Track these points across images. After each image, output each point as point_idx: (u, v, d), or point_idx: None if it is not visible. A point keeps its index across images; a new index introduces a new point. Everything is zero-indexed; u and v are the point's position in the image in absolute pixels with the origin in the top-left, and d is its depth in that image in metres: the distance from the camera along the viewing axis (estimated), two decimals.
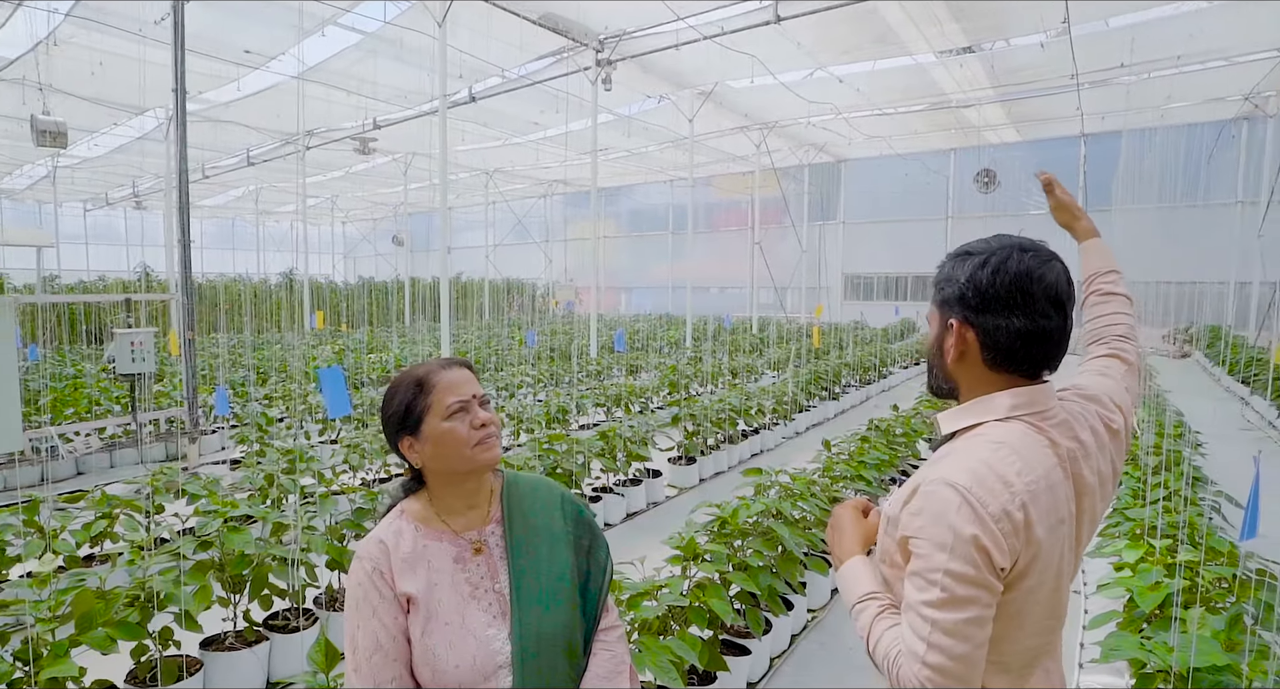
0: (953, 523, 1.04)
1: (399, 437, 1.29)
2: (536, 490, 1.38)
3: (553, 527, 1.33)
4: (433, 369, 1.30)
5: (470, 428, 1.25)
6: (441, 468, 1.28)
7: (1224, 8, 9.73)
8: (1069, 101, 13.41)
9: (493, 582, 1.27)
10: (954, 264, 1.21)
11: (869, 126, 16.16)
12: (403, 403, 1.28)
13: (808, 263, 21.47)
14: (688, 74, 12.45)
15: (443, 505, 1.30)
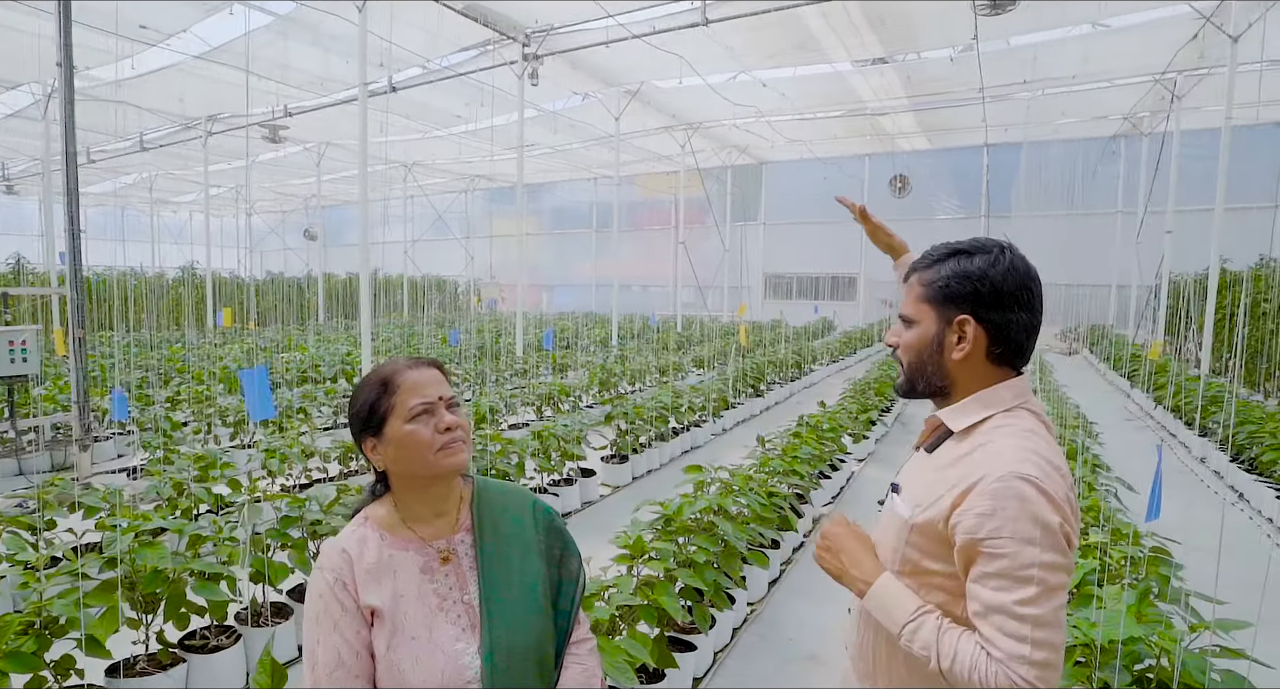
0: (1037, 514, 1.03)
1: (362, 437, 1.24)
2: (507, 497, 1.33)
3: (524, 535, 1.29)
4: (399, 368, 1.23)
5: (434, 431, 1.20)
6: (405, 472, 1.21)
7: (1110, 34, 10.54)
8: (975, 113, 14.22)
9: (461, 593, 1.21)
10: (957, 262, 1.21)
11: (790, 130, 16.63)
12: (366, 402, 1.22)
13: (729, 262, 21.89)
14: (615, 72, 12.45)
15: (409, 512, 1.24)
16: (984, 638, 1.05)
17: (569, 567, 1.30)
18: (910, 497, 1.23)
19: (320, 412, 7.73)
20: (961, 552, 1.10)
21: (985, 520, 1.06)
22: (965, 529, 1.08)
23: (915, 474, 1.27)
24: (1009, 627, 1.03)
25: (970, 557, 1.09)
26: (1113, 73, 12.11)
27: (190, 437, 6.18)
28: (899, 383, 1.30)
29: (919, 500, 1.20)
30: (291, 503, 3.51)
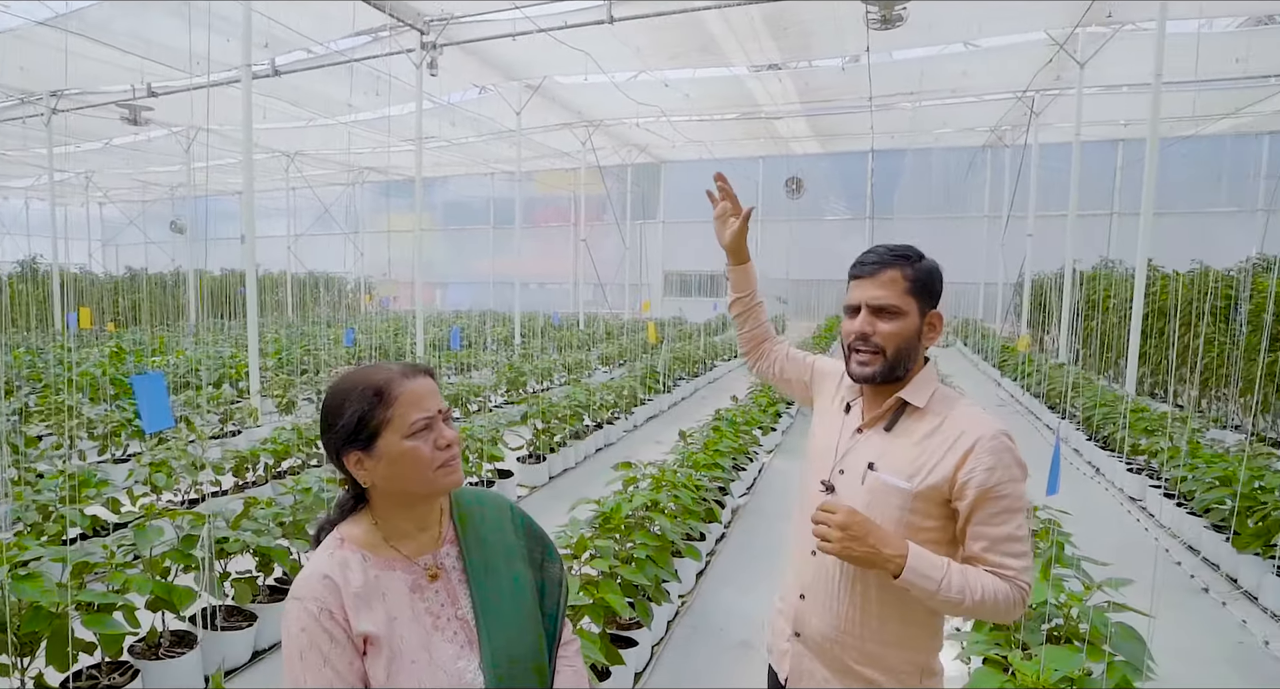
0: (1017, 459, 1.32)
1: (346, 451, 1.12)
2: (485, 504, 1.28)
3: (506, 542, 1.23)
4: (393, 377, 1.13)
5: (434, 448, 1.12)
6: (396, 489, 1.13)
7: (980, 53, 11.46)
8: (863, 121, 15.05)
9: (454, 608, 1.15)
10: (924, 263, 1.42)
11: (691, 130, 16.96)
12: (355, 414, 1.11)
13: (630, 260, 22.08)
14: (517, 66, 12.24)
15: (392, 529, 1.16)
16: (995, 565, 1.27)
17: (551, 570, 1.27)
18: (898, 470, 1.34)
19: (206, 420, 7.14)
20: (973, 503, 1.28)
21: (992, 473, 1.28)
22: (977, 483, 1.28)
23: (888, 451, 1.37)
24: (1014, 549, 1.27)
25: (978, 504, 1.28)
26: (982, 89, 13.18)
27: (49, 452, 5.53)
28: (873, 370, 1.37)
29: (912, 471, 1.32)
30: (194, 520, 3.22)
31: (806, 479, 1.51)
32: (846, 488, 1.40)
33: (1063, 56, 10.59)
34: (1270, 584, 3.95)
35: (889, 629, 1.35)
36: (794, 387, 1.69)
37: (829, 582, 1.39)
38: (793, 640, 1.46)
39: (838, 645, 1.39)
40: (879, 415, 1.40)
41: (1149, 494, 5.62)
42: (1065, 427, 8.04)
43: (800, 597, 1.44)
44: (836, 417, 1.49)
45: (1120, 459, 6.38)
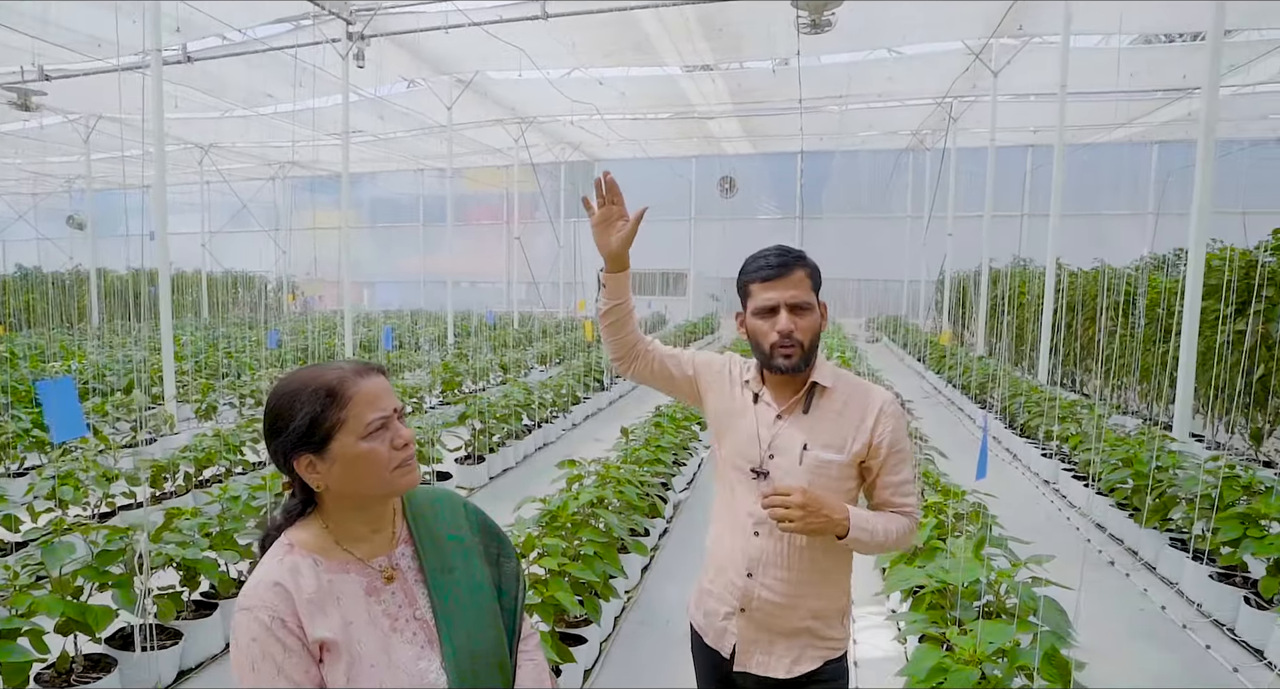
0: (905, 417, 1.65)
1: (296, 454, 1.08)
2: (438, 502, 1.26)
3: (462, 539, 1.22)
4: (346, 376, 1.09)
5: (391, 448, 1.09)
6: (350, 491, 1.10)
7: (904, 60, 11.93)
8: (792, 122, 15.43)
9: (412, 609, 1.13)
10: (812, 261, 1.58)
11: (625, 129, 16.98)
12: (307, 415, 1.06)
13: (564, 258, 21.95)
14: (448, 60, 11.97)
15: (345, 532, 1.12)
16: (899, 506, 1.53)
17: (508, 566, 1.26)
18: (828, 445, 1.52)
19: (116, 428, 6.72)
20: (884, 459, 1.52)
21: (896, 432, 1.53)
22: (888, 443, 1.52)
23: (814, 430, 1.53)
24: (909, 489, 1.54)
25: (887, 460, 1.52)
26: (905, 94, 13.72)
27: None
28: (797, 362, 1.51)
29: (840, 444, 1.52)
30: (110, 535, 3.02)
31: (728, 470, 1.60)
32: (782, 470, 1.51)
33: (979, 65, 11.14)
34: (1167, 555, 4.28)
35: (827, 584, 1.55)
36: (676, 383, 1.69)
37: (778, 556, 1.52)
38: (737, 616, 1.56)
39: (789, 610, 1.53)
40: (796, 400, 1.54)
41: (1061, 477, 5.99)
42: (985, 415, 8.47)
43: (748, 575, 1.53)
44: (745, 408, 1.58)
45: (1035, 445, 6.78)
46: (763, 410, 1.56)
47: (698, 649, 1.68)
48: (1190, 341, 5.59)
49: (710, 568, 1.65)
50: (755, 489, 1.53)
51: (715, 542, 1.65)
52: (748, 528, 1.53)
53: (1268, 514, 3.59)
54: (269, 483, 3.84)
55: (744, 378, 1.61)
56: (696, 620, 1.67)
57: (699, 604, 1.67)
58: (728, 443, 1.60)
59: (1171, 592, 4.08)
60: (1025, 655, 1.90)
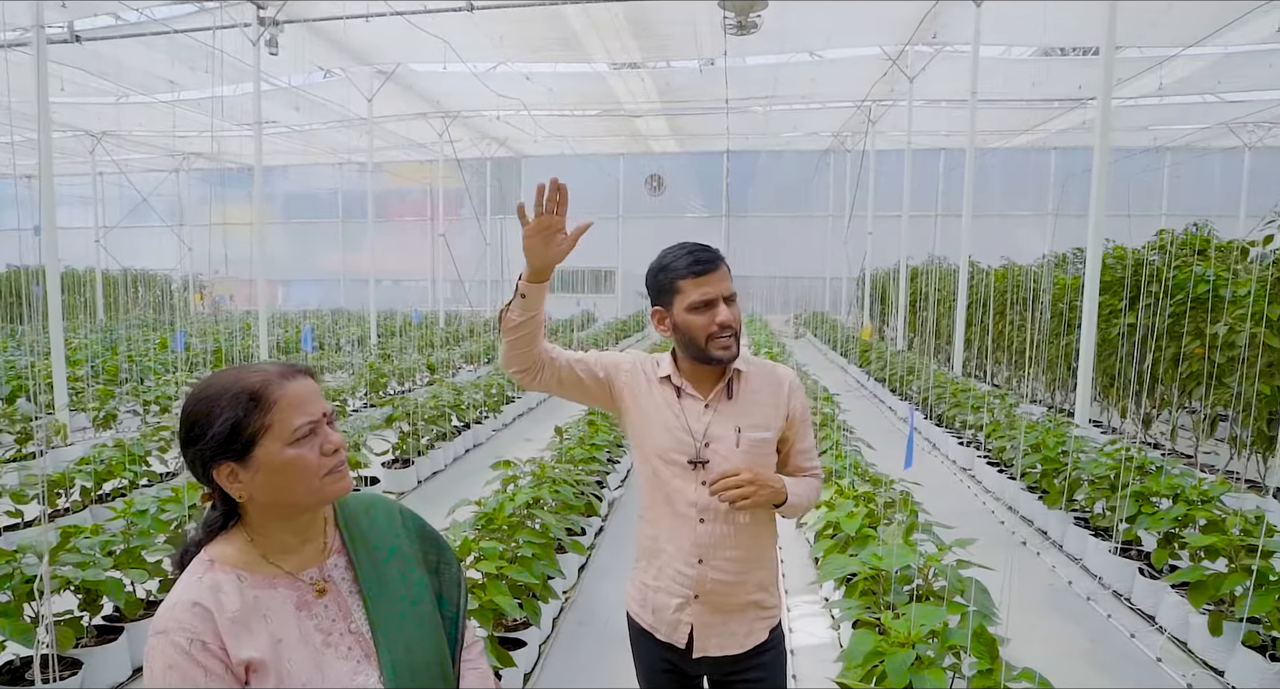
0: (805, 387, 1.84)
1: (216, 462, 1.01)
2: (373, 509, 1.20)
3: (399, 547, 1.16)
4: (270, 379, 1.03)
5: (320, 454, 1.03)
6: (276, 501, 1.04)
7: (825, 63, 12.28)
8: (719, 122, 15.64)
9: (347, 622, 1.08)
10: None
11: (552, 126, 16.83)
12: (228, 421, 1.00)
13: (491, 256, 21.58)
14: (369, 50, 11.55)
15: (272, 544, 1.06)
16: (809, 470, 1.69)
17: (448, 573, 1.22)
18: (757, 425, 1.61)
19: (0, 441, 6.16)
20: (797, 429, 1.67)
21: (804, 403, 1.68)
22: (799, 415, 1.67)
23: (742, 412, 1.61)
24: (814, 452, 1.71)
25: (800, 429, 1.67)
26: (827, 97, 14.14)
27: None
28: (735, 351, 1.58)
29: (766, 422, 1.62)
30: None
31: (660, 466, 1.61)
32: (720, 456, 1.56)
33: (896, 71, 11.59)
34: (1072, 534, 4.57)
35: (765, 554, 1.65)
36: (587, 389, 1.65)
37: (725, 537, 1.57)
38: (691, 605, 1.58)
39: (739, 587, 1.59)
40: (719, 389, 1.61)
41: (976, 464, 6.31)
42: (905, 407, 8.83)
43: (699, 562, 1.57)
44: (670, 403, 1.60)
45: (953, 434, 7.11)
46: (689, 402, 1.60)
47: (645, 647, 1.67)
48: (1090, 334, 5.98)
49: (651, 566, 1.65)
50: (694, 479, 1.56)
51: (652, 539, 1.65)
52: (692, 517, 1.57)
53: (1158, 492, 3.87)
54: (181, 495, 3.61)
55: (659, 374, 1.63)
56: (644, 619, 1.66)
57: (644, 603, 1.66)
58: (654, 440, 1.61)
59: (1077, 567, 4.36)
60: (956, 636, 1.99)
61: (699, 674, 1.65)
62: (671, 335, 1.60)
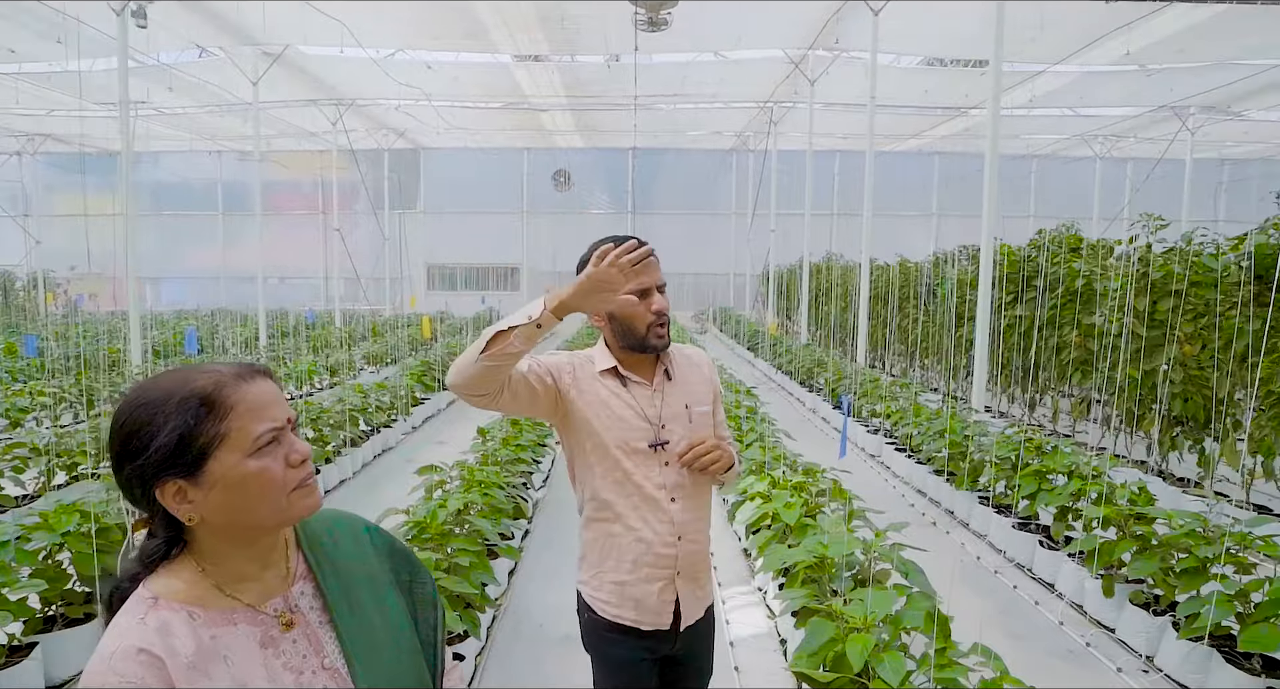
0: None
1: (160, 480, 0.86)
2: (336, 527, 1.07)
3: (370, 568, 1.05)
4: (223, 380, 0.89)
5: (286, 465, 0.91)
6: (234, 522, 0.90)
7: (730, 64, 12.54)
8: (625, 118, 15.65)
9: (320, 658, 0.95)
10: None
11: (455, 117, 16.29)
12: (175, 430, 0.86)
13: (390, 251, 20.70)
14: (254, 28, 10.74)
15: (227, 573, 0.92)
16: (725, 438, 1.78)
17: (422, 591, 1.11)
18: (698, 401, 1.71)
19: None
20: (718, 401, 1.79)
21: (718, 379, 1.81)
22: (718, 389, 1.80)
23: (684, 391, 1.70)
24: (726, 423, 1.84)
25: (718, 402, 1.79)
26: (731, 97, 14.44)
27: None
28: (669, 338, 1.66)
29: (703, 398, 1.73)
30: None
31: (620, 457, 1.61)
32: (678, 435, 1.64)
33: (798, 74, 11.98)
34: (978, 513, 4.87)
35: (709, 518, 1.76)
36: (538, 398, 1.61)
37: (693, 509, 1.66)
38: (675, 582, 1.64)
39: (704, 551, 1.71)
40: (657, 373, 1.69)
41: (885, 450, 6.62)
42: (814, 398, 9.17)
43: (678, 539, 1.63)
44: (618, 393, 1.63)
45: (862, 423, 7.43)
46: (636, 389, 1.64)
47: (623, 645, 1.63)
48: (984, 326, 6.40)
49: (623, 561, 1.62)
50: (657, 462, 1.62)
51: (619, 535, 1.62)
52: (662, 499, 1.61)
53: (1055, 469, 4.19)
54: (53, 520, 3.17)
55: (600, 369, 1.65)
56: (625, 617, 1.62)
57: (623, 600, 1.62)
58: (614, 433, 1.61)
59: (983, 543, 4.65)
60: (908, 617, 2.05)
61: (673, 652, 1.68)
62: (606, 326, 1.64)
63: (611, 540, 1.63)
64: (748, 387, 6.99)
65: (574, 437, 1.63)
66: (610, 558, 1.63)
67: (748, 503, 3.69)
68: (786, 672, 3.05)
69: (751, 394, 6.43)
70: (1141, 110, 14.74)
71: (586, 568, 1.67)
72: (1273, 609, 2.68)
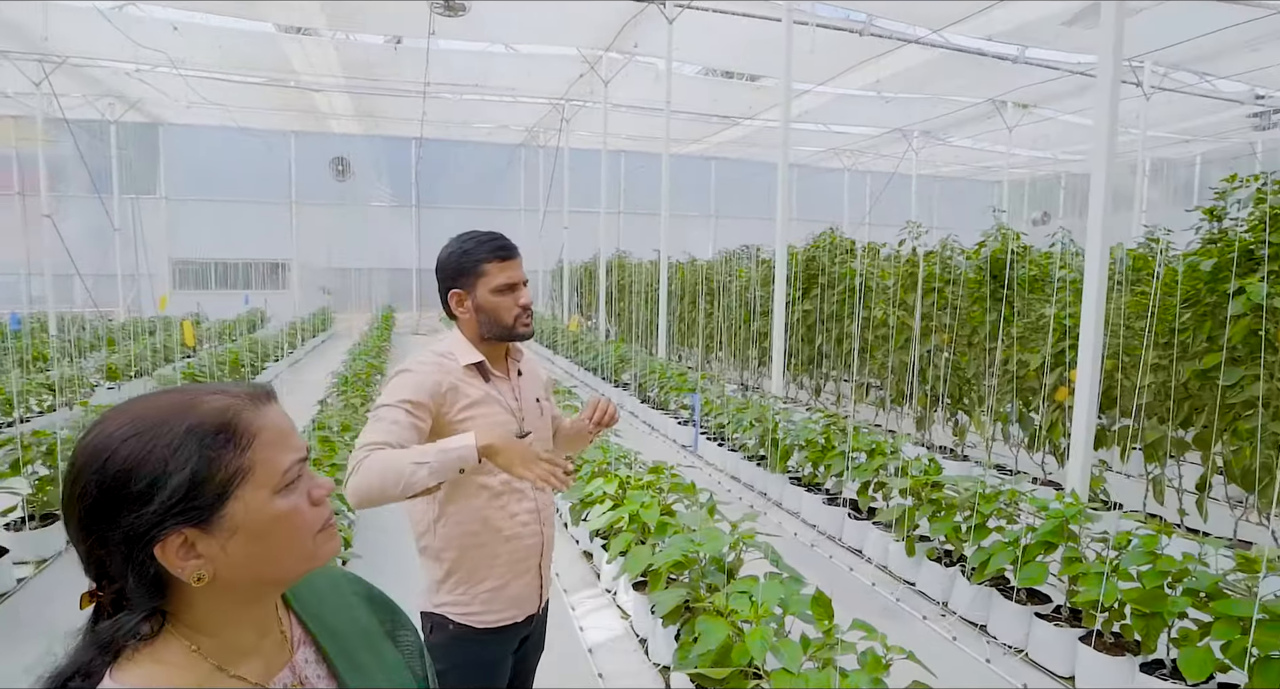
0: None
1: (165, 529, 0.66)
2: (314, 579, 0.91)
3: (359, 622, 0.91)
4: (237, 403, 0.72)
5: (311, 503, 0.75)
6: (252, 578, 0.73)
7: (523, 58, 12.33)
8: (411, 106, 14.74)
9: None
10: None
11: (207, 90, 14.15)
12: (191, 468, 0.67)
13: (122, 244, 17.50)
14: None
15: (225, 647, 0.73)
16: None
17: (406, 640, 0.98)
18: (544, 394, 1.80)
19: None
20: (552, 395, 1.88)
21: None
22: (550, 382, 1.89)
23: (532, 383, 1.77)
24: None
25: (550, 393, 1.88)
26: (524, 91, 14.24)
27: None
28: (532, 328, 1.72)
29: (546, 392, 1.82)
30: None
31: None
32: (533, 426, 1.71)
33: (593, 74, 12.14)
34: (789, 493, 5.32)
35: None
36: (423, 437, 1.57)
37: (548, 495, 1.74)
38: (539, 565, 1.71)
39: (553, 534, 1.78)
40: (512, 365, 1.75)
41: (698, 440, 6.97)
42: (621, 394, 9.39)
43: (541, 527, 1.70)
44: (484, 389, 1.66)
45: (671, 416, 7.76)
46: (498, 383, 1.69)
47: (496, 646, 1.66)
48: (779, 320, 7.01)
49: (494, 567, 1.64)
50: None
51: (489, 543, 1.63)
52: (527, 489, 1.67)
53: (857, 448, 4.71)
54: None
55: (465, 363, 1.65)
56: (504, 618, 1.66)
57: (501, 605, 1.65)
58: (476, 424, 1.61)
59: (798, 521, 5.10)
60: (793, 604, 2.15)
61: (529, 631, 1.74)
62: (472, 318, 1.66)
63: (481, 551, 1.63)
64: (567, 387, 6.95)
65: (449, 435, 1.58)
66: (481, 568, 1.63)
67: (596, 506, 3.66)
68: (652, 671, 3.08)
69: (572, 393, 6.41)
70: (880, 131, 17.13)
71: (449, 589, 1.63)
72: (1038, 550, 3.25)
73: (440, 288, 1.70)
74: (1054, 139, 16.83)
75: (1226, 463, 4.08)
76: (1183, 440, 4.46)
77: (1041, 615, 3.26)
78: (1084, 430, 4.02)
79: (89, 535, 0.67)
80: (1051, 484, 5.17)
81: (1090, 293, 3.96)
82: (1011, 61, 11.04)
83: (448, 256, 1.69)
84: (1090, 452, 4.15)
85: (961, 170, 22.18)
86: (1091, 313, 3.96)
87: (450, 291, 1.68)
